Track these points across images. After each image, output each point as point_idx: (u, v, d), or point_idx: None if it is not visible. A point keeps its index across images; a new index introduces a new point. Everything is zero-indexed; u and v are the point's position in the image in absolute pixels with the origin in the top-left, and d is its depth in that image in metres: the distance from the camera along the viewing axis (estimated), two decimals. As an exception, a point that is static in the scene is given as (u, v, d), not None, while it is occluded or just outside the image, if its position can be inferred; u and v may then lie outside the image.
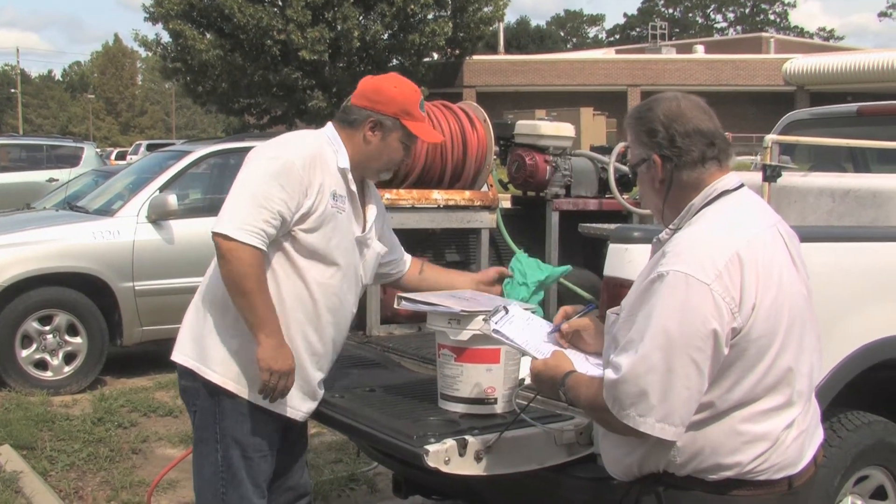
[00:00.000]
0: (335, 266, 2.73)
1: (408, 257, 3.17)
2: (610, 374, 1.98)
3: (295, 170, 2.61)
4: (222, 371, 2.67)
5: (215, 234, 2.56)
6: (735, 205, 2.07)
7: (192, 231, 6.78)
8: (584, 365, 2.23)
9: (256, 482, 2.71)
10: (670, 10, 80.00)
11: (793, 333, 2.02)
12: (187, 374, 2.74)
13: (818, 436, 2.17)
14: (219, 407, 2.68)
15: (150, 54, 35.60)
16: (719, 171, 2.10)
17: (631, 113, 2.16)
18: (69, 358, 6.59)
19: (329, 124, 2.85)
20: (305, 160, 2.64)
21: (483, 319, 2.53)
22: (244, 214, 2.55)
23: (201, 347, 2.70)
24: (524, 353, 2.42)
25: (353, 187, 2.77)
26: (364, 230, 2.83)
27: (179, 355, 2.75)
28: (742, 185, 2.12)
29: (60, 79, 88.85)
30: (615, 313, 2.12)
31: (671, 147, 2.06)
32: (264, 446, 2.72)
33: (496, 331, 2.39)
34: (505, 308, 2.48)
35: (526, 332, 2.42)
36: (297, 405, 2.76)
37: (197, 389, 2.72)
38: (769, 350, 1.98)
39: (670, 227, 2.10)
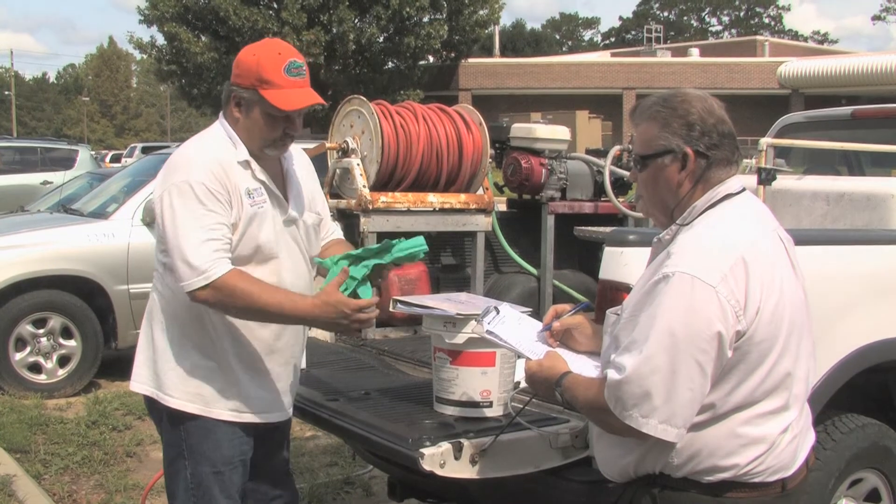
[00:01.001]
0: (274, 259, 2.61)
1: (334, 226, 2.98)
2: (613, 374, 1.97)
3: (209, 189, 2.48)
4: (179, 395, 2.61)
5: (188, 294, 2.49)
6: (738, 209, 2.07)
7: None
8: (577, 364, 2.22)
9: (229, 494, 2.66)
10: (665, 14, 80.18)
11: (792, 338, 2.03)
12: (149, 399, 2.70)
13: (810, 438, 2.18)
14: (183, 427, 2.63)
15: (144, 57, 35.60)
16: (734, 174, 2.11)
17: (656, 101, 2.10)
18: (63, 361, 6.58)
19: (220, 115, 2.67)
20: (210, 174, 2.50)
21: (475, 321, 2.52)
22: (195, 259, 2.45)
23: (155, 373, 2.65)
24: (518, 354, 2.41)
25: (262, 175, 2.60)
26: (287, 211, 2.66)
27: (136, 384, 2.71)
28: (744, 190, 2.12)
29: (55, 81, 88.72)
30: (615, 313, 2.12)
31: (709, 144, 2.05)
32: (234, 458, 2.66)
33: (490, 332, 2.37)
34: (496, 308, 2.46)
35: (518, 333, 2.40)
36: (265, 409, 2.68)
37: (160, 412, 2.68)
38: (770, 354, 1.98)
39: (672, 226, 2.09)
